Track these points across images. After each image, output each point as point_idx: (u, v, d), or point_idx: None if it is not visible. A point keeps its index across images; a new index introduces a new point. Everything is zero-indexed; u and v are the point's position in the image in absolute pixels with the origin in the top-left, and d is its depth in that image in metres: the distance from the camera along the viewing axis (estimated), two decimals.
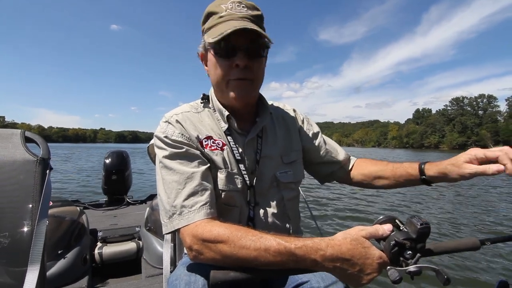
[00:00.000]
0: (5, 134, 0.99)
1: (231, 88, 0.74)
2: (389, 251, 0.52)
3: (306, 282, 0.76)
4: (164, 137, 0.73)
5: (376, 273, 0.53)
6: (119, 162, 3.25)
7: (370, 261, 0.53)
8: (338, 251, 0.53)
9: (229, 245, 0.57)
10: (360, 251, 0.53)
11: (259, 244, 0.56)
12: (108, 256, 1.85)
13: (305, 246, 0.54)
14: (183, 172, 0.69)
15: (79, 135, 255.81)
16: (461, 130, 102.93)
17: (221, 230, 0.60)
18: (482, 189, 8.52)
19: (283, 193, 0.82)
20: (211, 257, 0.60)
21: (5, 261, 0.88)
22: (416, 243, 0.51)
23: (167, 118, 0.77)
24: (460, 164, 0.69)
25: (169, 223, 0.68)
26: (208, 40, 0.69)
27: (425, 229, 0.50)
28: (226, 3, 0.71)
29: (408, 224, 0.53)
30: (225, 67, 0.72)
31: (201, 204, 0.66)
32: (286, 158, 0.85)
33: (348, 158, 0.98)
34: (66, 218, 1.77)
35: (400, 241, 0.51)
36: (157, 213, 1.97)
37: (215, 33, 0.67)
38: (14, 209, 0.92)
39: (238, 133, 0.81)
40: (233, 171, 0.76)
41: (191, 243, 0.62)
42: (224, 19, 0.69)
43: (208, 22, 0.73)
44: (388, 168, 0.86)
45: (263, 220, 0.79)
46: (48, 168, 0.99)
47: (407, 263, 0.51)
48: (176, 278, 0.74)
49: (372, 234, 0.55)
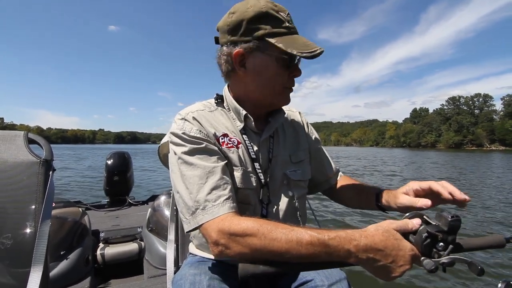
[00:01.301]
0: (8, 136, 0.99)
1: (284, 95, 0.78)
2: (420, 243, 0.53)
3: (310, 280, 0.77)
4: (182, 134, 0.72)
5: (408, 265, 0.53)
6: (121, 163, 3.26)
7: (403, 253, 0.53)
8: (371, 241, 0.53)
9: (259, 238, 0.56)
10: (392, 242, 0.53)
11: (291, 237, 0.55)
12: (110, 257, 1.85)
13: (339, 237, 0.54)
14: (204, 166, 0.68)
15: (78, 136, 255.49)
16: (457, 129, 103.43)
17: (249, 223, 0.59)
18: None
19: (293, 191, 0.83)
20: (239, 251, 0.58)
21: (8, 262, 0.88)
22: (448, 235, 0.51)
23: (183, 116, 0.76)
24: (398, 195, 0.73)
25: (192, 219, 0.66)
26: (292, 51, 0.68)
27: (456, 221, 0.51)
28: (284, 13, 0.72)
29: (438, 217, 0.53)
30: (284, 75, 0.75)
31: (224, 198, 0.65)
32: (294, 158, 0.87)
33: (337, 173, 1.00)
34: (69, 219, 1.77)
35: (433, 232, 0.51)
36: (159, 214, 1.98)
37: (299, 47, 0.69)
38: (17, 211, 0.92)
39: (254, 132, 0.82)
40: (248, 170, 0.77)
41: (217, 237, 0.60)
42: (292, 31, 0.73)
43: (270, 26, 0.70)
44: (358, 189, 0.91)
45: (275, 218, 0.79)
46: (51, 170, 0.99)
47: (440, 254, 0.51)
48: (180, 278, 0.75)
49: (402, 228, 0.55)
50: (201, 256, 0.85)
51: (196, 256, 0.87)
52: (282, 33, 0.71)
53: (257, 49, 0.72)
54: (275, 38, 0.70)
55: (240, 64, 0.75)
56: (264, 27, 0.70)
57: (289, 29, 0.72)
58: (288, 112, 0.96)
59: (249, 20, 0.70)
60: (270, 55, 0.72)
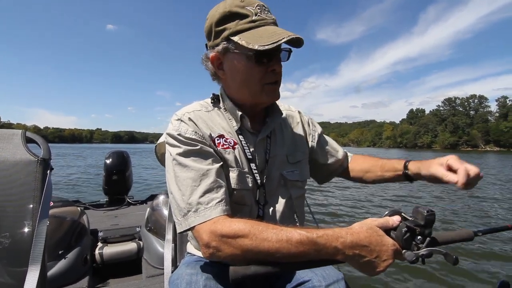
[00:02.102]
0: (6, 135, 0.99)
1: (266, 92, 0.75)
2: (401, 238, 0.56)
3: (307, 281, 0.76)
4: (177, 135, 0.72)
5: (391, 259, 0.56)
6: (120, 162, 3.25)
7: (386, 248, 0.56)
8: (357, 238, 0.56)
9: (250, 238, 0.57)
10: (376, 238, 0.56)
11: (281, 236, 0.56)
12: (109, 256, 1.85)
13: (326, 235, 0.56)
14: (198, 169, 0.68)
15: (76, 135, 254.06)
16: (453, 130, 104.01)
17: (241, 225, 0.59)
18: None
19: (291, 192, 0.83)
20: (230, 253, 0.59)
21: (6, 261, 0.88)
22: (425, 229, 0.56)
23: (179, 116, 0.76)
24: (433, 165, 0.74)
25: (184, 221, 0.66)
26: (254, 46, 0.66)
27: (431, 216, 0.55)
28: (252, 6, 0.70)
29: (415, 213, 0.57)
30: (260, 72, 0.72)
31: (217, 201, 0.65)
32: (292, 158, 0.86)
33: (346, 156, 1.02)
34: (67, 218, 1.77)
35: (412, 227, 0.55)
36: (157, 214, 1.97)
37: (262, 40, 0.66)
38: (15, 209, 0.92)
39: (250, 133, 0.81)
40: (244, 170, 0.76)
41: (209, 240, 0.61)
42: (258, 23, 0.69)
43: (234, 24, 0.70)
44: (378, 164, 0.93)
45: (272, 219, 0.79)
46: (48, 168, 0.99)
47: (419, 247, 0.55)
48: (177, 277, 0.75)
49: (384, 225, 0.59)
50: (198, 256, 0.85)
51: (193, 256, 0.87)
52: (247, 28, 0.69)
53: (228, 50, 0.72)
54: (239, 35, 0.69)
55: (219, 67, 0.77)
56: (229, 26, 0.70)
57: (256, 21, 0.70)
58: (287, 111, 0.95)
59: (216, 23, 0.72)
60: (240, 53, 0.71)
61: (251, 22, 0.69)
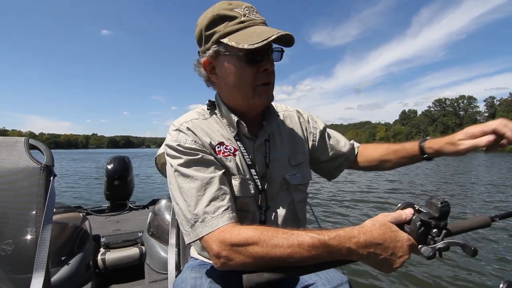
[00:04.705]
0: (9, 142, 0.99)
1: (259, 94, 0.73)
2: (415, 232, 0.54)
3: (312, 284, 0.76)
4: (177, 146, 0.71)
5: (407, 255, 0.54)
6: (121, 167, 3.23)
7: (401, 244, 0.54)
8: (370, 236, 0.54)
9: (261, 245, 0.56)
10: (390, 235, 0.54)
11: (292, 241, 0.55)
12: (111, 262, 1.84)
13: (338, 236, 0.54)
14: (201, 178, 0.67)
15: (71, 141, 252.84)
16: (443, 130, 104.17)
17: (250, 232, 0.58)
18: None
19: (293, 196, 0.82)
20: (242, 262, 0.58)
21: (9, 268, 0.88)
22: (440, 221, 0.53)
23: (177, 127, 0.75)
24: (455, 141, 0.74)
25: (192, 232, 0.65)
26: (243, 46, 0.65)
27: (446, 207, 0.52)
28: (240, 7, 0.70)
29: (429, 205, 0.54)
30: (252, 73, 0.71)
31: (223, 209, 0.64)
32: (293, 161, 0.85)
33: (352, 147, 0.99)
34: (69, 224, 1.76)
35: (426, 220, 0.53)
36: (159, 218, 1.97)
37: (252, 39, 0.65)
38: (18, 216, 0.92)
39: (248, 138, 0.80)
40: (246, 177, 0.76)
41: (218, 249, 0.59)
42: (247, 24, 0.69)
43: (223, 26, 0.69)
44: (390, 151, 0.92)
45: (274, 223, 0.78)
46: (52, 175, 0.99)
47: (435, 240, 0.53)
48: (182, 281, 0.75)
49: (397, 219, 0.57)
50: (202, 260, 0.85)
51: (197, 260, 0.87)
52: (237, 29, 0.69)
53: (219, 53, 0.72)
54: (228, 37, 0.68)
55: (211, 72, 0.76)
56: (218, 29, 0.70)
57: (245, 22, 0.69)
58: (284, 112, 0.93)
59: (206, 27, 0.71)
60: (231, 55, 0.70)
61: (240, 23, 0.69)
